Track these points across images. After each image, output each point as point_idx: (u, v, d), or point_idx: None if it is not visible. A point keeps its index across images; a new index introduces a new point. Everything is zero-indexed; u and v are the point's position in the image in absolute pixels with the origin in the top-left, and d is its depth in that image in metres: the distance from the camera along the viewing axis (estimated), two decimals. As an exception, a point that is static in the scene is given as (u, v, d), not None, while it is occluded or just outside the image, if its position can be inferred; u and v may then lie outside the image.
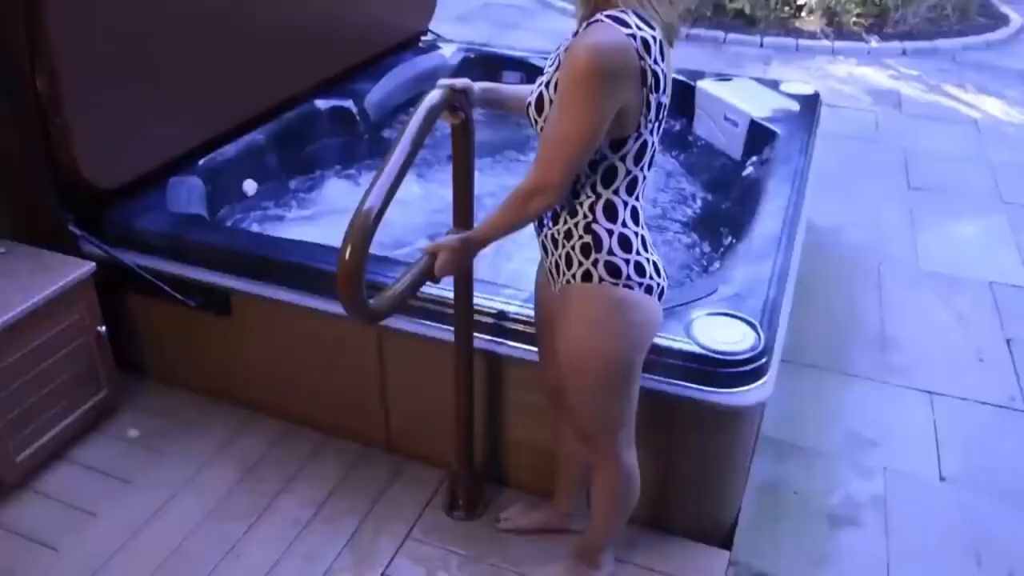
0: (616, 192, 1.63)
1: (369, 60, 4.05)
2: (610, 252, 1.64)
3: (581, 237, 1.65)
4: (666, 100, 1.59)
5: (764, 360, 2.05)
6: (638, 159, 1.61)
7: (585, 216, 1.64)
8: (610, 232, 1.64)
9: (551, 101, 1.57)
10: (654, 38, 1.50)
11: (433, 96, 1.77)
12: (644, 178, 1.66)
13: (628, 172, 1.61)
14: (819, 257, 3.81)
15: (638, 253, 1.66)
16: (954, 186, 4.60)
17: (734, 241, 2.81)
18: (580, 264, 1.67)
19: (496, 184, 3.34)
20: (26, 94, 2.45)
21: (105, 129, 2.63)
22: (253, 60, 3.21)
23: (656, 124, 1.60)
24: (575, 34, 1.56)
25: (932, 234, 4.09)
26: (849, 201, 4.38)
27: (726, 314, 2.15)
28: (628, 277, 1.65)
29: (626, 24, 1.47)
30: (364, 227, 1.56)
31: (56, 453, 2.58)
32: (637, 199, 1.67)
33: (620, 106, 1.49)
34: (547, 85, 1.60)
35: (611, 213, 1.64)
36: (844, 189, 4.48)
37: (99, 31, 2.52)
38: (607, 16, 1.48)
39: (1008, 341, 3.32)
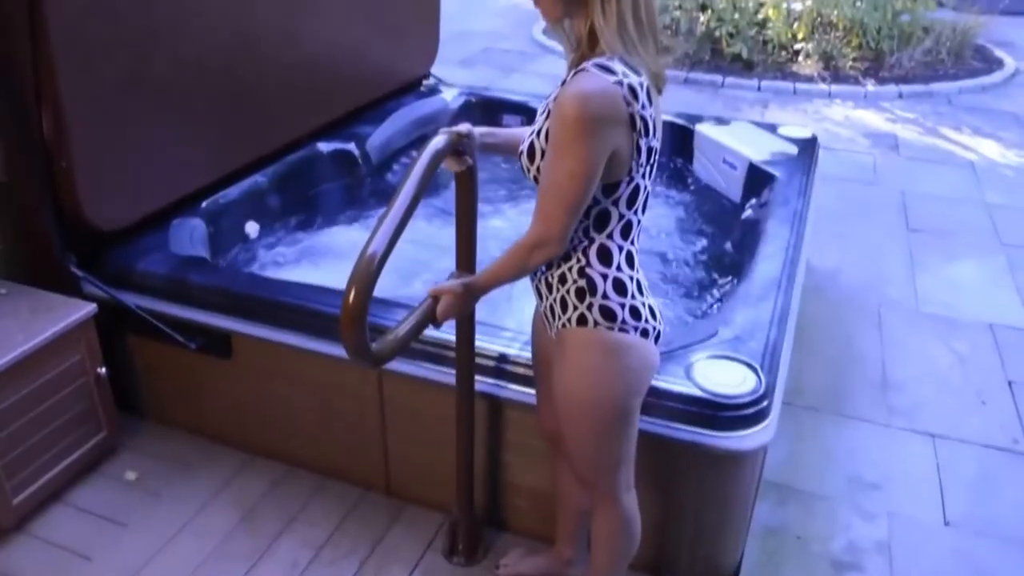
0: (610, 236, 1.64)
1: (372, 103, 4.10)
2: (605, 296, 1.65)
3: (576, 281, 1.66)
4: (657, 144, 1.60)
5: (765, 403, 2.05)
6: (631, 203, 1.62)
7: (579, 260, 1.65)
8: (604, 276, 1.65)
9: (542, 150, 1.59)
10: (641, 84, 1.51)
11: (438, 141, 1.78)
12: (638, 222, 1.67)
13: (621, 216, 1.63)
14: (819, 299, 3.81)
15: (633, 297, 1.66)
16: (953, 228, 4.62)
17: (734, 283, 2.82)
18: (575, 308, 1.67)
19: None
20: (32, 136, 2.48)
21: (109, 172, 2.66)
22: (257, 103, 3.25)
23: (648, 168, 1.61)
24: (563, 82, 1.58)
25: (932, 276, 4.10)
26: (848, 243, 4.40)
27: (727, 357, 2.15)
28: (623, 321, 1.65)
29: (612, 71, 1.49)
30: (367, 272, 1.56)
31: (53, 495, 2.56)
32: (632, 243, 1.68)
33: (611, 152, 1.51)
34: (538, 134, 1.61)
35: (605, 257, 1.65)
36: (843, 231, 4.50)
37: (105, 75, 2.56)
38: (593, 65, 1.50)
39: (1010, 383, 3.31)
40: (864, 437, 3.01)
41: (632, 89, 1.49)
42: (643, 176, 1.60)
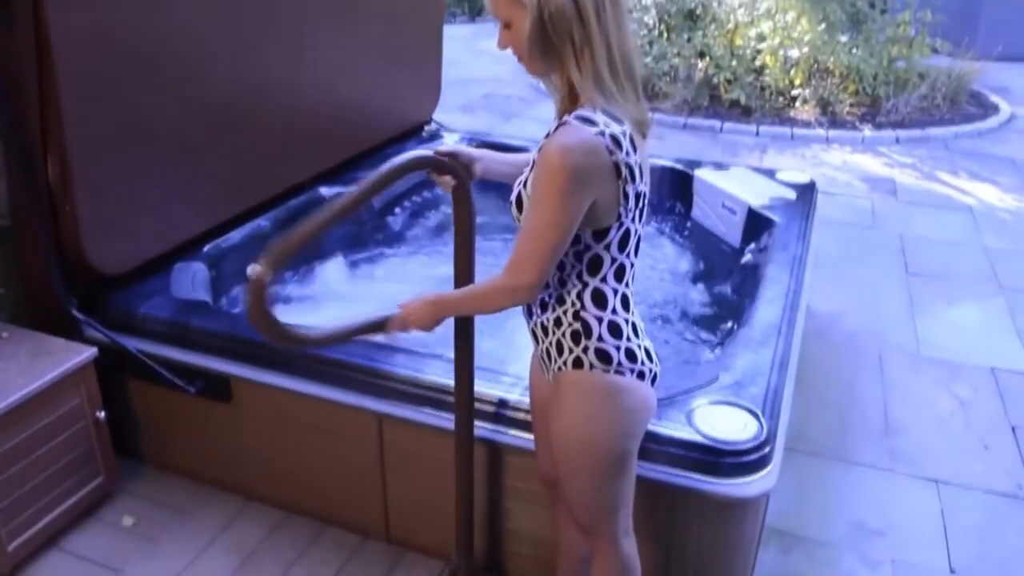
0: (604, 280, 1.65)
1: (374, 149, 4.14)
2: (600, 339, 1.65)
3: (571, 324, 1.67)
4: (644, 189, 1.62)
5: (767, 449, 2.04)
6: (622, 247, 1.64)
7: (573, 304, 1.66)
8: (599, 319, 1.65)
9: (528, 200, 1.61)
10: (624, 133, 1.54)
11: (413, 153, 1.82)
12: (632, 265, 1.69)
13: (614, 260, 1.64)
14: (819, 343, 3.81)
15: (628, 339, 1.67)
16: (952, 272, 4.64)
17: (734, 328, 2.82)
18: (571, 351, 1.68)
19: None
20: (37, 181, 2.50)
21: (113, 216, 2.68)
22: (260, 148, 3.29)
23: (637, 212, 1.63)
24: (548, 135, 1.60)
25: (932, 320, 4.10)
26: (848, 287, 4.41)
27: (728, 403, 2.15)
28: (619, 363, 1.66)
29: (593, 123, 1.51)
30: (285, 247, 1.73)
31: (49, 541, 2.54)
32: (626, 286, 1.69)
33: (592, 201, 1.53)
34: (524, 184, 1.64)
35: (600, 301, 1.66)
36: (843, 275, 4.51)
37: (111, 121, 2.59)
38: (575, 117, 1.53)
39: (1013, 428, 3.29)
40: (867, 483, 2.99)
41: (615, 138, 1.52)
42: (633, 220, 1.62)
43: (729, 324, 3.06)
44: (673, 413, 2.09)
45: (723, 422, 2.07)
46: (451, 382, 2.09)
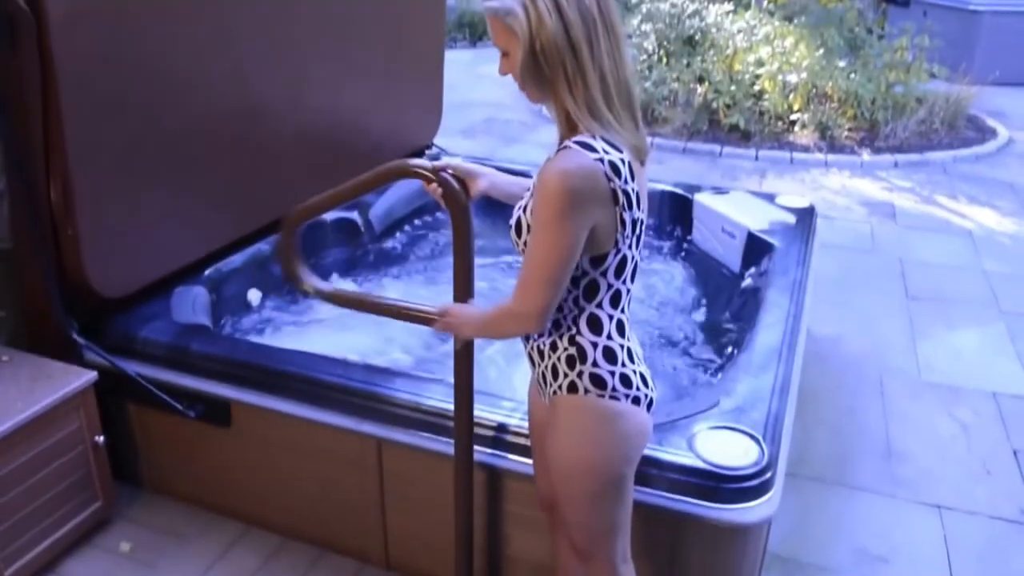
0: (599, 306, 1.66)
1: (375, 172, 4.16)
2: (595, 364, 1.66)
3: (566, 349, 1.68)
4: (642, 216, 1.63)
5: (769, 475, 2.03)
6: (619, 273, 1.64)
7: (569, 329, 1.67)
8: (595, 344, 1.66)
9: (528, 225, 1.62)
10: (623, 160, 1.55)
11: (405, 160, 1.94)
12: (628, 291, 1.69)
13: (610, 286, 1.65)
14: (820, 367, 3.81)
15: (623, 365, 1.67)
16: (952, 296, 4.64)
17: (735, 352, 2.82)
18: (566, 375, 1.68)
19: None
20: (39, 204, 2.51)
21: (115, 239, 2.68)
22: (262, 173, 3.30)
23: (634, 239, 1.63)
24: (548, 159, 1.61)
25: (932, 344, 4.10)
26: (848, 311, 4.41)
27: (729, 428, 2.14)
28: (614, 388, 1.66)
29: (593, 149, 1.52)
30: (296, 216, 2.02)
31: (46, 567, 2.51)
32: (622, 311, 1.69)
33: (592, 226, 1.54)
34: (524, 209, 1.64)
35: (595, 326, 1.66)
36: (843, 299, 4.51)
37: (113, 145, 2.61)
38: (575, 142, 1.54)
39: (1015, 452, 3.28)
40: (869, 508, 2.97)
41: (614, 165, 1.53)
42: (630, 247, 1.63)
43: (729, 349, 3.05)
44: (674, 438, 2.08)
45: (724, 447, 2.06)
46: (451, 406, 2.09)
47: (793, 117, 7.37)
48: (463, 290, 1.95)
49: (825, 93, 7.52)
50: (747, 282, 3.37)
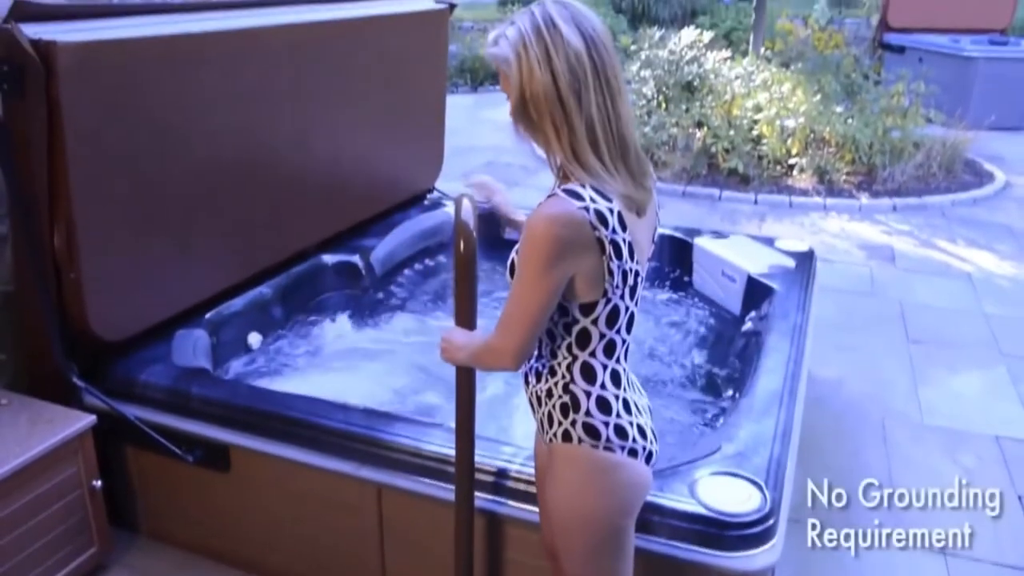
0: (593, 354, 1.66)
1: (377, 216, 4.19)
2: (588, 413, 1.66)
3: (560, 397, 1.68)
4: (636, 267, 1.63)
5: (771, 521, 2.02)
6: (611, 323, 1.64)
7: (563, 376, 1.68)
8: (588, 393, 1.66)
9: None
10: (611, 210, 1.56)
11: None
12: (623, 341, 1.69)
13: (603, 335, 1.65)
14: (822, 411, 3.78)
15: (619, 416, 1.67)
16: (953, 339, 4.63)
17: (735, 397, 2.81)
18: (560, 424, 1.69)
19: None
20: (42, 247, 2.53)
21: (117, 283, 2.69)
22: (265, 218, 3.32)
23: (627, 290, 1.64)
24: (538, 205, 1.64)
25: (934, 387, 4.08)
26: (849, 354, 4.40)
27: (730, 473, 2.13)
28: (608, 439, 1.66)
29: (580, 197, 1.54)
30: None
31: (39, 615, 2.48)
32: (617, 361, 1.69)
33: (573, 274, 1.56)
34: (517, 251, 1.67)
35: (589, 375, 1.67)
36: (844, 342, 4.51)
37: (117, 191, 2.63)
38: (563, 190, 1.56)
39: (1020, 498, 3.25)
40: (873, 554, 2.93)
41: (600, 214, 1.54)
42: (622, 297, 1.63)
43: (730, 393, 3.05)
44: (675, 484, 2.07)
45: (726, 493, 2.05)
46: (451, 452, 2.08)
47: (791, 161, 7.43)
48: (464, 317, 1.95)
49: (823, 138, 7.58)
50: (747, 326, 3.38)
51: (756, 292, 3.49)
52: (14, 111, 2.38)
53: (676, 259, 4.09)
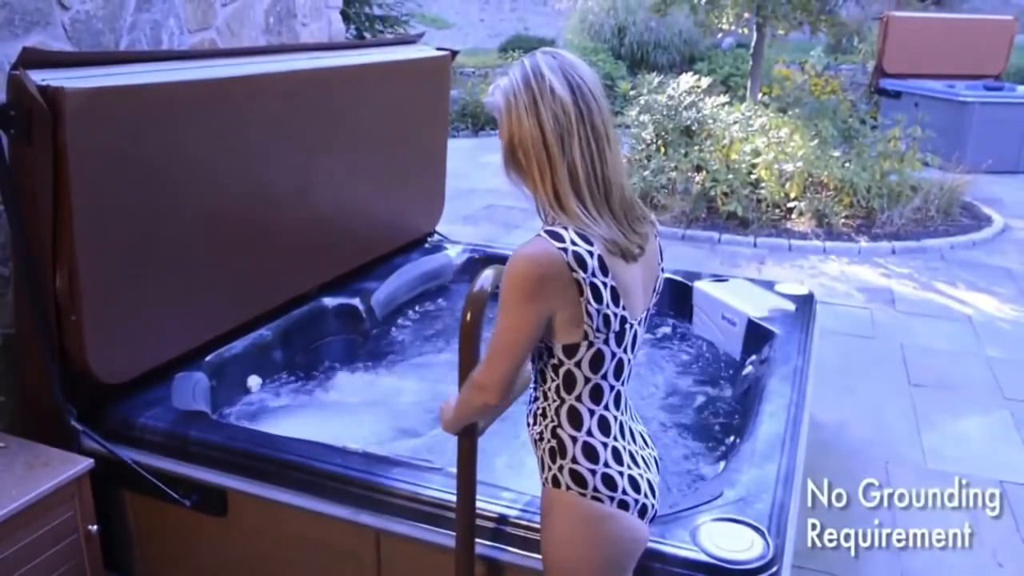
0: (579, 399, 1.66)
1: (378, 260, 4.21)
2: (574, 460, 1.66)
3: (549, 441, 1.69)
4: (621, 312, 1.64)
5: (775, 569, 1.99)
6: (595, 368, 1.65)
7: (552, 420, 1.69)
8: (574, 439, 1.66)
9: None
10: (590, 253, 1.58)
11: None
12: (611, 388, 1.68)
13: (587, 379, 1.66)
14: (824, 455, 3.76)
15: (607, 465, 1.66)
16: (955, 382, 4.62)
17: (737, 442, 2.79)
18: (549, 468, 1.70)
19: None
20: (43, 289, 2.53)
21: (117, 326, 2.69)
22: (266, 261, 3.33)
23: (611, 335, 1.64)
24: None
25: (937, 431, 4.06)
26: (851, 397, 4.38)
27: (732, 520, 2.11)
28: (595, 489, 1.65)
29: (560, 239, 1.58)
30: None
31: (30, 665, 2.44)
32: (606, 408, 1.69)
33: (552, 312, 1.59)
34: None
35: (575, 420, 1.67)
36: (845, 385, 4.49)
37: (119, 234, 2.64)
38: (545, 231, 1.61)
39: (1025, 544, 3.22)
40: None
41: (578, 256, 1.57)
42: (606, 342, 1.64)
43: (732, 438, 3.03)
44: (677, 530, 2.05)
45: (728, 540, 2.03)
46: (452, 497, 2.06)
47: (790, 205, 7.48)
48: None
49: (821, 181, 7.64)
50: (748, 370, 3.37)
51: (757, 336, 3.49)
52: (21, 155, 2.40)
53: (676, 302, 4.09)
